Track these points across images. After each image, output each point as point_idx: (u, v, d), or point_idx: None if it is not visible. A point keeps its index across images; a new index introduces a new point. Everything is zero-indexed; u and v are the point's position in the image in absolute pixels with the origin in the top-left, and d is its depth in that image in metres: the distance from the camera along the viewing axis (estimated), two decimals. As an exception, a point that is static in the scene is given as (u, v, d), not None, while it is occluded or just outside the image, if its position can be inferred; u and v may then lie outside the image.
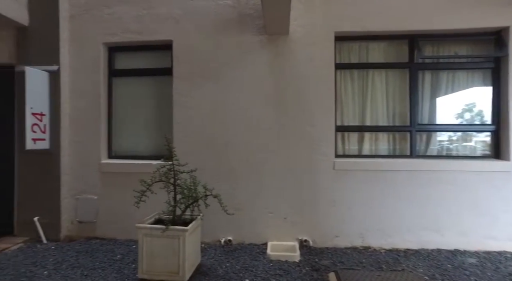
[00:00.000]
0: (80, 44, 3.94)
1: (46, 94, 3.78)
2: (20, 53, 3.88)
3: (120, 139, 4.09)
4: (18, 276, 2.82)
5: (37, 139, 3.65)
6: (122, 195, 3.77)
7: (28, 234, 3.82)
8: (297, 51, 3.68)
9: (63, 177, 3.85)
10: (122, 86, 4.08)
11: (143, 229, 2.65)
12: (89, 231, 3.91)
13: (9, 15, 3.61)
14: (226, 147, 3.72)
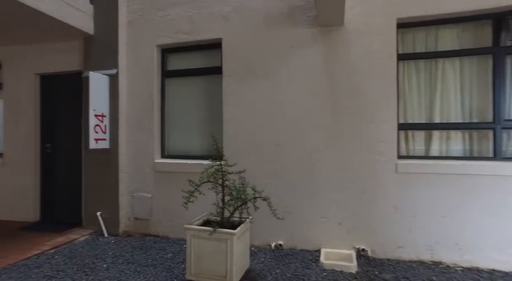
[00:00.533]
0: (136, 47, 4.13)
1: (107, 96, 4.03)
2: (86, 59, 4.21)
3: (172, 139, 4.19)
4: (83, 266, 3.01)
5: (98, 139, 3.90)
6: (174, 194, 3.86)
7: (93, 227, 4.12)
8: (354, 43, 3.37)
9: (121, 175, 4.07)
10: (174, 86, 4.18)
11: (191, 230, 2.63)
12: (144, 228, 4.07)
13: (79, 26, 3.92)
14: (277, 146, 3.57)
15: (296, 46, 3.53)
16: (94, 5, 4.12)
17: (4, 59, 4.79)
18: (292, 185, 3.53)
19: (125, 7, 4.13)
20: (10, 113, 4.75)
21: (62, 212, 4.57)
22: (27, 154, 4.63)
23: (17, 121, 4.70)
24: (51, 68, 4.54)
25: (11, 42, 4.58)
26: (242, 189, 2.72)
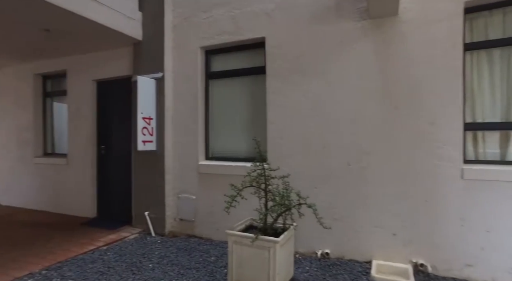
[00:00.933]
0: (180, 50, 4.21)
1: (153, 99, 4.17)
2: (135, 64, 4.41)
3: (216, 141, 4.19)
4: (131, 265, 3.12)
5: (146, 141, 4.05)
6: (217, 196, 3.85)
7: (141, 226, 4.29)
8: (411, 34, 3.04)
9: (167, 176, 4.18)
10: (218, 88, 4.18)
11: (233, 236, 2.56)
12: (189, 229, 4.13)
13: (129, 34, 4.13)
14: (324, 149, 3.36)
15: (345, 41, 3.29)
16: (142, 12, 4.30)
17: (68, 68, 5.23)
18: (341, 190, 3.29)
19: (170, 11, 4.24)
20: (73, 117, 5.18)
21: (115, 210, 4.85)
22: (86, 155, 5.00)
23: (78, 124, 5.10)
24: (105, 74, 4.84)
25: (74, 52, 4.98)
26: (286, 194, 2.59)
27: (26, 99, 5.71)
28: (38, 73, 5.64)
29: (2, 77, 6.08)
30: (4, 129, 6.07)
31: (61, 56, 5.23)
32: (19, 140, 5.81)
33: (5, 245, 3.73)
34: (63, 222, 4.72)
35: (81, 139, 5.06)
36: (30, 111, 5.67)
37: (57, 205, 5.34)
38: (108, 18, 3.78)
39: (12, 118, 5.92)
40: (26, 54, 5.16)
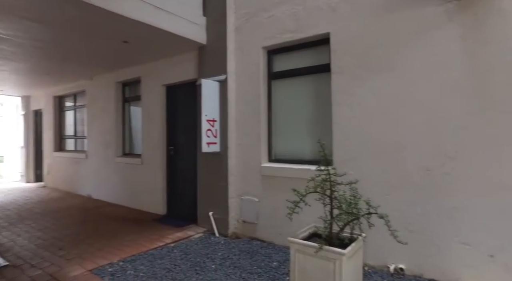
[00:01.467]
0: (242, 52, 4.23)
1: (217, 101, 4.28)
2: (199, 68, 4.59)
3: (279, 142, 4.11)
4: (194, 264, 3.22)
5: (210, 143, 4.17)
6: (280, 199, 3.76)
7: (206, 226, 4.44)
8: (511, 13, 2.53)
9: (230, 177, 4.24)
10: (280, 88, 4.10)
11: (295, 244, 2.43)
12: (251, 232, 4.12)
13: (195, 39, 4.31)
14: (398, 152, 3.02)
15: (424, 29, 2.90)
16: (206, 17, 4.45)
17: (142, 75, 5.72)
18: (418, 199, 2.91)
19: (233, 14, 4.30)
20: (146, 120, 5.64)
21: (182, 208, 5.13)
22: (157, 155, 5.39)
23: (150, 126, 5.54)
24: (173, 79, 5.15)
25: (147, 60, 5.43)
26: (353, 202, 2.37)
27: (110, 104, 6.42)
28: (119, 81, 6.29)
29: (94, 86, 6.94)
30: (94, 132, 6.93)
31: (137, 65, 5.74)
32: (104, 142, 6.56)
33: (94, 235, 4.22)
34: (138, 218, 5.16)
35: (153, 141, 5.47)
36: (112, 115, 6.36)
37: (134, 201, 5.87)
38: (176, 26, 3.99)
39: (100, 122, 6.72)
40: (110, 65, 5.80)
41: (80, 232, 4.37)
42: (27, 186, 8.98)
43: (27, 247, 3.82)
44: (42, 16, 3.46)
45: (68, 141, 8.40)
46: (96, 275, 2.93)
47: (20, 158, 10.07)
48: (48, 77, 6.84)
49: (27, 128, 9.73)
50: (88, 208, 5.96)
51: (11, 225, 4.82)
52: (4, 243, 3.96)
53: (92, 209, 5.82)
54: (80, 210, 5.76)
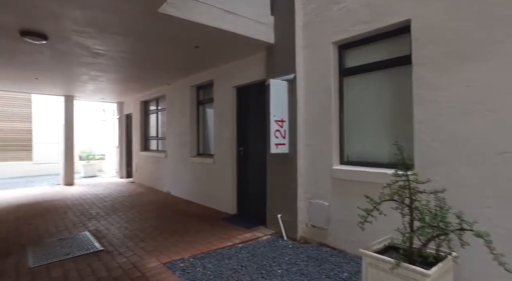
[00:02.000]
0: (312, 49, 4.08)
1: (286, 102, 4.21)
2: (268, 68, 4.58)
3: (352, 143, 3.84)
4: (261, 267, 3.21)
5: (278, 144, 4.12)
6: (352, 205, 3.50)
7: (274, 228, 4.41)
8: None
9: (299, 180, 4.12)
10: (353, 85, 3.82)
11: (368, 257, 2.20)
12: (321, 237, 3.94)
13: (263, 39, 4.32)
14: (500, 156, 2.51)
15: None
16: (274, 16, 4.42)
17: (214, 78, 6.00)
18: (531, 215, 2.37)
19: (301, 10, 4.17)
20: (217, 121, 5.90)
21: (252, 209, 5.20)
22: (228, 156, 5.58)
23: (222, 127, 5.77)
24: (243, 80, 5.27)
25: (218, 63, 5.68)
26: (440, 214, 2.03)
27: (186, 107, 6.91)
28: (193, 85, 6.72)
29: (171, 90, 7.58)
30: (172, 133, 7.57)
31: (209, 68, 6.05)
32: (181, 142, 7.09)
33: (170, 229, 4.57)
34: (210, 216, 5.42)
35: (224, 141, 5.68)
36: (188, 117, 6.83)
37: (206, 199, 6.20)
38: (244, 27, 4.06)
39: (177, 124, 7.30)
40: (185, 70, 6.23)
41: (158, 226, 4.77)
42: (120, 181, 10.30)
43: (117, 236, 4.33)
44: (128, 30, 3.88)
45: (151, 141, 9.35)
46: (168, 269, 3.13)
47: (116, 157, 11.61)
48: (135, 84, 7.71)
49: (121, 130, 11.16)
50: (167, 203, 6.51)
51: (107, 215, 5.54)
52: (101, 230, 4.56)
53: (170, 205, 6.33)
54: (160, 205, 6.33)
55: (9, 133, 12.17)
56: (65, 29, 3.82)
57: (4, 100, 11.99)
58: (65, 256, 3.53)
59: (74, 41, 4.25)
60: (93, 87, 7.88)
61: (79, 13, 3.36)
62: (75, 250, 3.72)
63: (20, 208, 6.19)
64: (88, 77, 6.62)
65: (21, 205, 6.53)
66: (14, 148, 12.23)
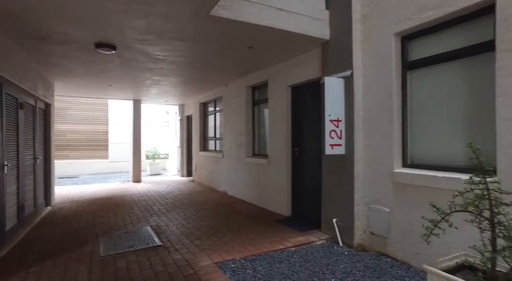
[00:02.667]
0: (370, 42, 3.78)
1: (342, 100, 3.97)
2: (323, 65, 4.38)
3: (417, 144, 3.47)
4: (313, 274, 3.06)
5: (334, 145, 3.90)
6: (418, 213, 3.15)
7: (329, 232, 4.20)
8: None
9: (356, 182, 3.86)
10: (418, 79, 3.44)
11: (435, 276, 1.92)
12: (380, 246, 3.63)
13: (318, 35, 4.15)
14: None
15: None
16: (329, 10, 4.21)
17: (269, 77, 5.97)
18: None
19: (358, 2, 3.89)
20: (272, 121, 5.86)
21: (306, 212, 5.04)
22: (282, 156, 5.50)
23: (276, 128, 5.71)
24: (297, 79, 5.13)
25: (272, 63, 5.64)
26: (531, 231, 1.68)
27: (241, 107, 7.01)
28: (249, 85, 6.78)
29: (228, 91, 7.77)
30: (228, 134, 7.75)
31: (263, 68, 6.04)
32: (237, 142, 7.22)
33: (224, 229, 4.65)
34: (263, 217, 5.40)
35: (278, 142, 5.61)
36: (243, 117, 6.91)
37: (260, 200, 6.20)
38: (297, 24, 3.93)
39: (233, 124, 7.45)
40: (240, 71, 6.32)
41: (213, 225, 4.90)
42: (181, 179, 10.91)
43: (175, 232, 4.55)
44: (184, 35, 4.04)
45: (210, 142, 9.72)
46: (219, 269, 3.17)
47: (177, 156, 12.35)
48: (195, 87, 8.08)
49: (182, 131, 11.84)
50: (222, 203, 6.67)
51: (167, 211, 5.89)
52: (161, 226, 4.85)
53: (225, 205, 6.48)
54: (216, 205, 6.51)
55: (90, 134, 13.77)
56: (128, 39, 4.13)
57: (87, 105, 13.61)
58: (128, 249, 3.82)
59: (137, 49, 4.58)
60: (156, 90, 8.47)
61: (139, 23, 3.60)
62: (137, 243, 4.00)
63: (96, 202, 6.92)
64: (151, 81, 7.12)
65: (98, 198, 7.31)
66: (94, 148, 13.80)
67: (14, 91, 4.48)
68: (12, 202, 4.44)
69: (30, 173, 5.33)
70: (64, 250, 3.85)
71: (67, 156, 13.02)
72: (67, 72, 6.10)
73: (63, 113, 12.92)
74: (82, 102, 13.41)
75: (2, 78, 3.92)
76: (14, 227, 4.44)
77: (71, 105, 13.22)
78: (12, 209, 4.40)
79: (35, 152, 5.58)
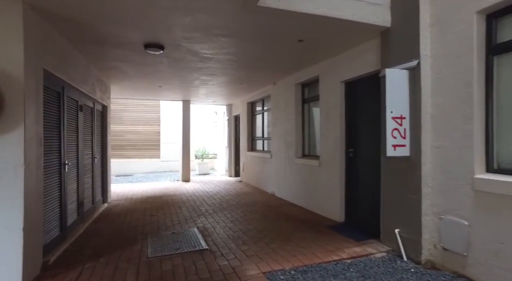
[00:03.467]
0: (443, 25, 3.26)
1: (406, 94, 3.50)
2: (382, 57, 3.93)
3: (506, 145, 2.89)
4: (375, 293, 2.69)
5: (397, 145, 3.45)
6: (510, 230, 2.61)
7: (390, 244, 3.75)
8: None
9: (424, 189, 3.37)
10: (510, 66, 2.86)
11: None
12: (457, 265, 3.10)
13: (376, 23, 3.71)
14: None
15: None
16: (391, -7, 3.76)
17: (320, 73, 5.61)
18: None
19: (428, -22, 3.40)
20: (324, 120, 5.49)
21: (362, 219, 4.60)
22: (335, 158, 5.11)
23: (328, 127, 5.34)
24: (352, 74, 4.71)
25: (323, 58, 5.28)
26: None
27: (290, 106, 6.73)
28: (298, 82, 6.48)
29: (276, 89, 7.55)
30: (276, 133, 7.52)
31: (314, 64, 5.69)
32: (286, 142, 6.95)
33: (272, 234, 4.42)
34: (314, 221, 5.06)
35: (331, 142, 5.23)
36: (293, 116, 6.63)
37: (311, 203, 5.86)
38: (354, 12, 3.55)
39: (281, 124, 7.20)
40: (290, 67, 6.04)
41: (261, 229, 4.69)
42: (229, 179, 10.96)
43: (221, 235, 4.44)
44: (231, 30, 3.89)
45: (257, 142, 9.58)
46: (268, 280, 2.94)
47: (225, 156, 12.45)
48: (242, 86, 7.99)
49: (230, 131, 11.90)
50: (271, 205, 6.46)
51: (214, 213, 5.84)
52: (208, 228, 4.79)
53: (273, 207, 6.25)
54: (264, 207, 6.31)
55: (144, 135, 14.55)
56: (176, 37, 4.11)
57: (141, 107, 14.41)
58: (175, 251, 3.77)
59: (185, 48, 4.56)
60: (205, 91, 8.55)
61: (185, 20, 3.52)
62: (183, 246, 3.95)
63: (148, 200, 7.16)
64: (199, 81, 7.18)
65: (149, 197, 7.57)
66: (148, 148, 14.55)
67: (75, 95, 4.74)
68: (73, 199, 4.70)
69: (88, 171, 5.65)
70: (116, 248, 3.94)
71: (124, 155, 13.89)
72: (122, 75, 6.38)
73: (120, 114, 13.82)
74: (137, 104, 14.21)
75: (64, 82, 4.16)
76: (75, 222, 4.71)
77: (127, 107, 14.10)
78: (73, 205, 4.67)
79: (93, 151, 5.91)
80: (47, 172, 3.68)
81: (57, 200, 4.00)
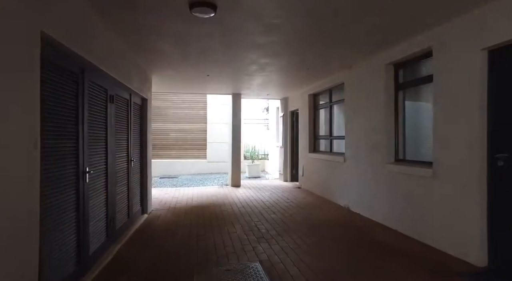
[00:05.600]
0: None
1: None
2: None
3: None
4: None
5: None
6: None
7: None
8: None
9: None
10: None
11: None
12: None
13: None
14: None
15: None
16: None
17: (434, 44, 3.94)
18: None
19: None
20: (441, 112, 3.84)
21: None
22: (467, 167, 3.43)
23: (451, 121, 3.68)
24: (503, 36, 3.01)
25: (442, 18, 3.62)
26: None
27: (376, 95, 5.12)
28: (389, 62, 4.84)
29: (353, 75, 5.97)
30: (354, 131, 5.93)
31: (420, 32, 4.02)
32: (369, 143, 5.36)
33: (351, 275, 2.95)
34: (433, 262, 3.44)
35: (458, 144, 3.56)
36: (380, 109, 5.02)
37: (414, 229, 4.23)
38: None
39: (362, 119, 5.60)
40: (376, 40, 4.38)
41: (352, 271, 3.22)
42: (284, 185, 9.55)
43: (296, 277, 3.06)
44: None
45: (322, 141, 8.05)
46: None
47: (279, 157, 11.08)
48: (307, 72, 6.52)
49: (285, 129, 10.49)
50: (352, 226, 4.91)
51: (278, 235, 4.49)
52: (275, 264, 3.43)
53: (357, 230, 4.70)
54: (343, 228, 4.79)
55: (189, 133, 13.72)
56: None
57: (187, 103, 13.60)
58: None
59: (245, 8, 3.24)
60: (260, 80, 7.23)
61: None
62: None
63: (193, 211, 6.04)
64: (256, 66, 5.85)
65: (194, 207, 6.46)
66: (193, 147, 13.70)
67: (102, 80, 3.69)
68: (100, 216, 3.66)
69: (123, 178, 4.63)
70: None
71: (169, 155, 13.17)
72: (163, 59, 5.30)
73: (165, 112, 13.12)
74: (183, 100, 13.44)
75: (83, 61, 3.07)
76: (102, 245, 3.68)
77: (173, 104, 13.38)
78: (99, 225, 3.63)
79: (129, 153, 4.89)
80: (56, 185, 2.60)
81: (72, 223, 2.92)
